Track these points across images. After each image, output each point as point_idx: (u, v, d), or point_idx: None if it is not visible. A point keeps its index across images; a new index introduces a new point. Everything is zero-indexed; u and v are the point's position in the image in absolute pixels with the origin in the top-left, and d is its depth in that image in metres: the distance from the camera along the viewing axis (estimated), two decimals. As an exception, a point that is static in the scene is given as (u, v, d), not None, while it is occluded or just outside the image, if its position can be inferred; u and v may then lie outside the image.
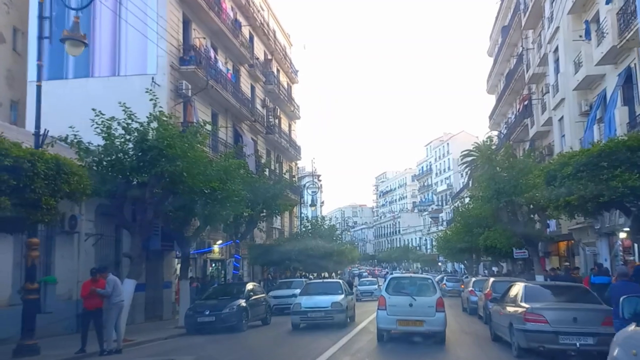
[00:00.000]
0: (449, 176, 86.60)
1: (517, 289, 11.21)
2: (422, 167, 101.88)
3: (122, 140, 13.72)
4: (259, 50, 34.85)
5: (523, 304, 10.24)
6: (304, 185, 40.71)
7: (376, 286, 34.40)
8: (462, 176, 72.64)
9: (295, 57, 42.70)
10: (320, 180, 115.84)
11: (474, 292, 20.72)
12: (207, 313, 15.58)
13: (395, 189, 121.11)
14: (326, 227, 42.62)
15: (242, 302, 16.32)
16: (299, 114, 43.00)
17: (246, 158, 25.60)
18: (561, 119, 24.57)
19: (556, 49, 25.05)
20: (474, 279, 23.49)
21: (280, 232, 37.63)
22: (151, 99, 14.12)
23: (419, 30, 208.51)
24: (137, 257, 14.05)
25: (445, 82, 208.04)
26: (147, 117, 14.03)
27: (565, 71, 23.46)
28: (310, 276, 43.27)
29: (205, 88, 22.05)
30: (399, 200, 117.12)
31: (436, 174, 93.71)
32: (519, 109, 35.36)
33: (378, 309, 13.53)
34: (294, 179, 41.64)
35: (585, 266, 23.49)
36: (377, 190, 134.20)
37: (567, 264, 28.52)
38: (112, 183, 13.71)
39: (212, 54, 24.92)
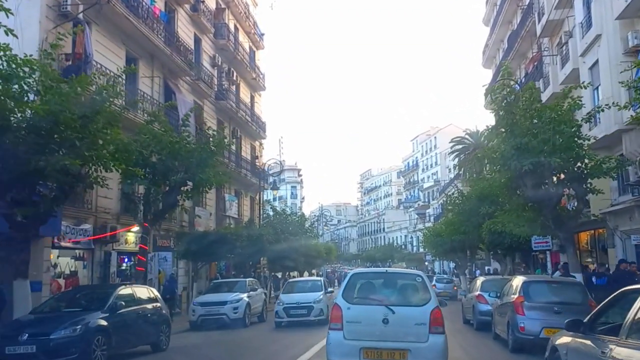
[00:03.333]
0: (436, 171, 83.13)
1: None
2: (408, 163, 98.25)
3: None
4: (209, -5, 28.29)
5: None
6: (266, 166, 33.78)
7: (320, 294, 18.15)
8: (450, 171, 67.83)
9: (268, 36, 36.07)
10: (300, 176, 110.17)
11: (483, 298, 14.20)
12: (24, 339, 8.94)
13: (380, 186, 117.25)
14: (296, 217, 36.01)
15: (99, 320, 9.67)
16: (264, 84, 36.36)
17: (177, 105, 19.10)
18: (594, 64, 18.47)
19: (587, -28, 18.97)
20: (482, 278, 16.90)
21: (237, 221, 30.95)
22: None
23: (406, 19, 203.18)
24: None
25: (432, 77, 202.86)
26: None
27: (602, -3, 17.46)
28: (278, 275, 36.85)
29: (98, 3, 15.33)
30: (384, 197, 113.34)
31: (423, 169, 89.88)
32: (525, 74, 29.73)
33: (330, 328, 7.99)
34: (257, 160, 35.10)
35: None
36: (362, 188, 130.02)
37: (589, 260, 22.70)
38: None
39: (125, -28, 18.35)
